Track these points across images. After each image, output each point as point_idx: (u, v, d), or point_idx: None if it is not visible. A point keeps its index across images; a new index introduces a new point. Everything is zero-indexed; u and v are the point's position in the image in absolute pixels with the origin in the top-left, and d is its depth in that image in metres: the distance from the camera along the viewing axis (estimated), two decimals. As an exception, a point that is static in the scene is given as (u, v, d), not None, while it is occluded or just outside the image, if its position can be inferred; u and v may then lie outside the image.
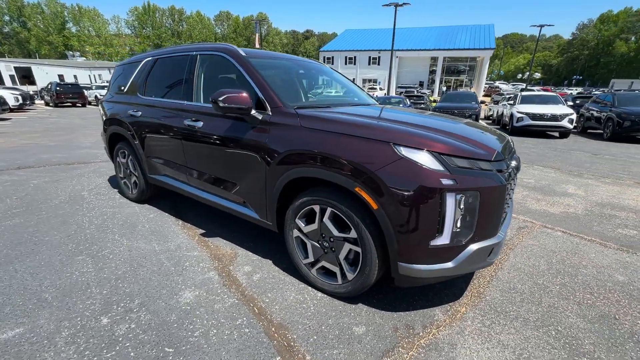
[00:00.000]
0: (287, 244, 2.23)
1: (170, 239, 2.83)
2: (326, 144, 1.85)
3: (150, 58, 3.33)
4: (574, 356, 1.65)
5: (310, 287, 2.16)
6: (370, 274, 1.84)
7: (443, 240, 1.65)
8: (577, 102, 16.35)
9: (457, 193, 1.60)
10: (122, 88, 3.64)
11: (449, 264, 1.70)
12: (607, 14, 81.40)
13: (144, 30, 75.73)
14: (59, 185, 4.25)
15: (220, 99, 2.11)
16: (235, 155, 2.36)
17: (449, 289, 2.19)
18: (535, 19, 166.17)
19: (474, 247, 1.72)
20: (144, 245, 2.70)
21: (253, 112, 2.19)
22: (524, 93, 12.65)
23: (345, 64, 44.30)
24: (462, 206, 1.62)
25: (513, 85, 49.03)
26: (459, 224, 1.65)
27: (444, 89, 38.26)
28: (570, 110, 10.51)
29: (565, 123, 10.15)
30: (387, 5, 23.31)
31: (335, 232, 1.93)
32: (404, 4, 22.66)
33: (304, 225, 2.10)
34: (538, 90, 27.01)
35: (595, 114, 11.52)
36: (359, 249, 1.86)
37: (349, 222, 1.85)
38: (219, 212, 3.44)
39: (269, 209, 2.26)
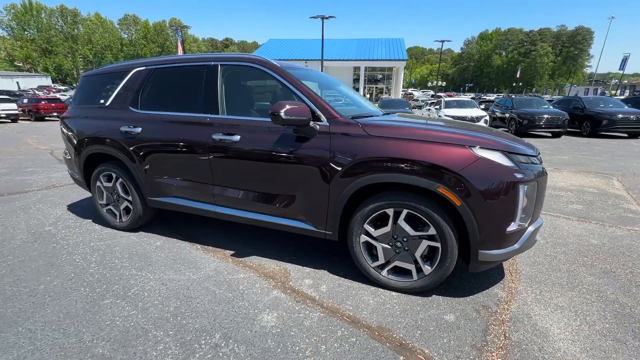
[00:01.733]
0: (353, 251, 2.28)
1: (202, 265, 2.58)
2: (403, 150, 1.98)
3: (142, 68, 2.98)
4: (607, 304, 2.09)
5: (381, 289, 2.25)
6: (450, 266, 2.03)
7: (514, 226, 1.94)
8: (482, 106, 19.46)
9: (524, 184, 1.90)
10: (103, 102, 3.16)
11: (516, 246, 2.00)
12: (484, 32, 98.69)
13: (25, 33, 63.81)
14: (4, 223, 3.42)
15: (282, 111, 2.07)
16: (288, 168, 2.31)
17: (490, 270, 2.51)
18: (430, 35, 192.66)
19: (530, 229, 2.05)
20: (177, 276, 2.42)
21: (311, 123, 2.20)
22: (446, 99, 14.57)
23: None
24: (527, 195, 1.93)
25: (423, 92, 55.59)
26: (524, 211, 1.95)
27: (368, 96, 41.36)
28: (484, 113, 12.54)
29: (482, 124, 12.05)
30: (314, 17, 24.30)
31: (412, 232, 2.07)
32: (330, 17, 23.91)
33: (373, 229, 2.18)
34: (445, 96, 31.34)
35: (499, 114, 13.95)
36: (437, 244, 2.03)
37: (427, 221, 2.00)
38: (232, 229, 3.24)
39: (331, 219, 2.27)
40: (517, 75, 65.03)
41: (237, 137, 2.44)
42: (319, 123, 2.23)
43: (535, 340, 1.77)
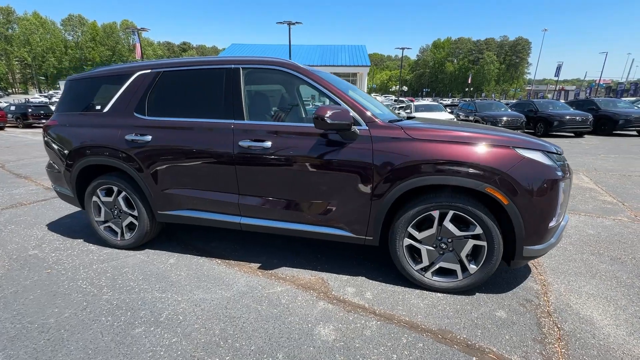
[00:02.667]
0: (396, 255, 2.26)
1: (231, 281, 2.41)
2: (450, 153, 2.01)
3: (147, 71, 2.74)
4: (628, 288, 2.28)
5: (425, 291, 2.25)
6: (496, 263, 2.09)
7: (554, 221, 2.04)
8: (447, 110, 20.63)
9: (562, 181, 2.01)
10: (99, 108, 2.86)
11: (553, 240, 2.11)
12: (437, 41, 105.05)
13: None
14: (-26, 248, 2.94)
15: (327, 115, 2.01)
16: (327, 174, 2.24)
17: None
18: (388, 42, 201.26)
19: (563, 223, 2.18)
20: (208, 295, 2.23)
21: (353, 127, 2.16)
22: (416, 103, 15.25)
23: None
24: (564, 191, 2.05)
25: (385, 96, 57.65)
26: (561, 207, 2.07)
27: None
28: (452, 116, 13.30)
29: (451, 126, 12.75)
30: (281, 22, 24.24)
31: (457, 232, 2.10)
32: (296, 22, 24.01)
33: (417, 232, 2.18)
34: (407, 101, 32.79)
35: (463, 117, 14.89)
36: (483, 243, 2.08)
37: (474, 221, 2.05)
38: (247, 240, 3.08)
39: (373, 224, 2.24)
40: (469, 81, 70.08)
41: (268, 144, 2.32)
42: (358, 127, 2.20)
43: (585, 328, 1.88)
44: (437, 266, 2.22)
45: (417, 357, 1.67)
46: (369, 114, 2.24)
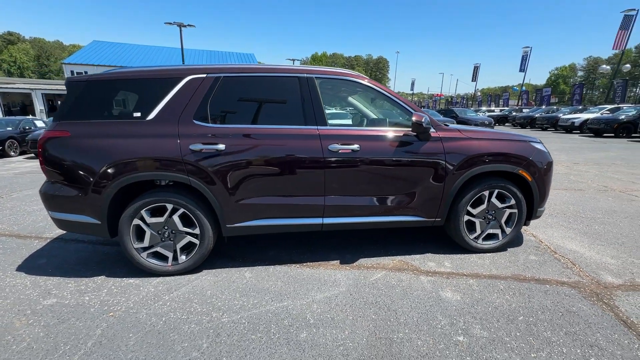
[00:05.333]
0: (458, 229, 2.86)
1: (332, 279, 2.54)
2: (496, 147, 2.76)
3: (201, 75, 2.54)
4: (579, 232, 3.53)
5: (479, 253, 2.94)
6: (522, 224, 2.95)
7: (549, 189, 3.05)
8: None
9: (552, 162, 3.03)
10: (139, 115, 2.46)
11: (545, 204, 3.12)
12: (316, 54, 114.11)
13: None
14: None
15: (422, 120, 2.48)
16: (409, 170, 2.66)
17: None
18: (276, 53, 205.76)
19: (545, 191, 3.25)
20: (327, 294, 2.32)
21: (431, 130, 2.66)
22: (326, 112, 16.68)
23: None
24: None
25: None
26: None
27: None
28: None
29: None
30: (169, 23, 22.10)
31: (500, 205, 2.87)
32: (189, 25, 22.37)
33: (473, 209, 2.85)
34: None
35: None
36: (515, 211, 2.91)
37: (510, 195, 2.86)
38: (298, 241, 3.16)
39: (443, 208, 2.78)
40: (347, 92, 78.80)
41: (356, 146, 2.58)
42: (431, 130, 2.72)
43: (567, 249, 2.91)
44: (485, 233, 2.94)
45: (518, 293, 2.30)
46: (434, 118, 2.79)
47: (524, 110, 26.89)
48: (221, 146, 2.44)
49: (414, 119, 2.50)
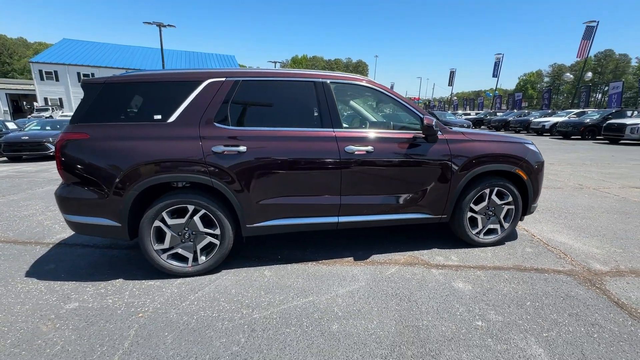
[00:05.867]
0: (462, 225, 3.06)
1: (349, 275, 2.65)
2: (497, 148, 2.99)
3: (221, 79, 2.60)
4: (566, 226, 3.84)
5: (480, 247, 3.15)
6: (518, 219, 3.20)
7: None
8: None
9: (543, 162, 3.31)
10: (160, 117, 2.48)
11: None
12: (296, 57, 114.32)
13: None
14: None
15: (433, 124, 2.67)
16: (419, 170, 2.83)
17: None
18: (257, 54, 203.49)
19: (536, 189, 3.53)
20: (348, 288, 2.44)
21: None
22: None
23: (80, 81, 35.39)
24: (541, 169, 3.37)
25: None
26: (540, 178, 3.38)
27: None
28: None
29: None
30: (148, 23, 21.52)
31: (499, 202, 3.10)
32: (169, 25, 21.88)
33: (475, 206, 3.07)
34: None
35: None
36: (512, 207, 3.15)
37: (508, 192, 3.09)
38: (309, 240, 3.26)
39: (449, 206, 2.98)
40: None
41: (370, 148, 2.72)
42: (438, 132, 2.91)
43: (557, 241, 3.19)
44: (486, 228, 3.16)
45: (522, 281, 2.52)
46: (439, 121, 2.98)
47: (498, 113, 28.25)
48: (242, 148, 2.51)
49: (425, 122, 2.68)
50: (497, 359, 1.73)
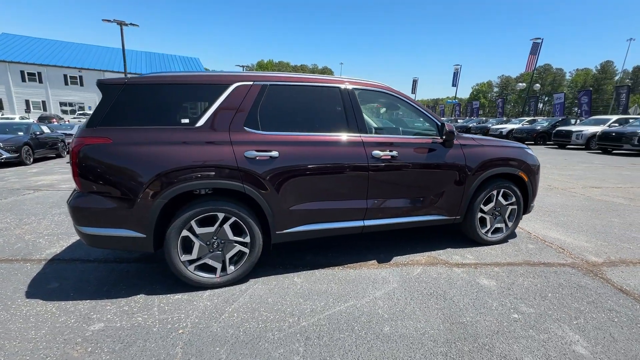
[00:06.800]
0: (473, 226, 3.25)
1: (379, 277, 2.70)
2: (503, 153, 3.23)
3: (248, 83, 2.54)
4: (556, 223, 4.20)
5: (489, 245, 3.36)
6: (520, 218, 3.46)
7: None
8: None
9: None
10: (187, 121, 2.36)
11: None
12: (261, 62, 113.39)
13: None
14: None
15: (452, 130, 2.82)
16: (438, 174, 2.97)
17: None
18: (223, 59, 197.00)
19: (530, 190, 3.85)
20: (384, 290, 2.48)
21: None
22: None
23: (24, 81, 32.06)
24: (536, 171, 3.68)
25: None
26: (534, 180, 3.69)
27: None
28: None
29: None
30: (108, 20, 20.17)
31: (504, 202, 3.34)
32: (131, 24, 20.68)
33: (484, 207, 3.27)
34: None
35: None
36: (515, 207, 3.41)
37: (512, 193, 3.34)
38: (328, 245, 3.26)
39: (462, 207, 3.15)
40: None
41: (395, 153, 2.81)
42: (453, 138, 3.07)
43: (551, 237, 3.50)
44: (493, 227, 3.38)
45: (536, 275, 2.73)
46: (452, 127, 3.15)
47: (459, 120, 30.14)
48: (275, 153, 2.47)
49: (447, 128, 2.83)
50: (544, 347, 1.87)
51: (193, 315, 2.15)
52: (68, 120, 24.01)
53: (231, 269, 2.52)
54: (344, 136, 2.71)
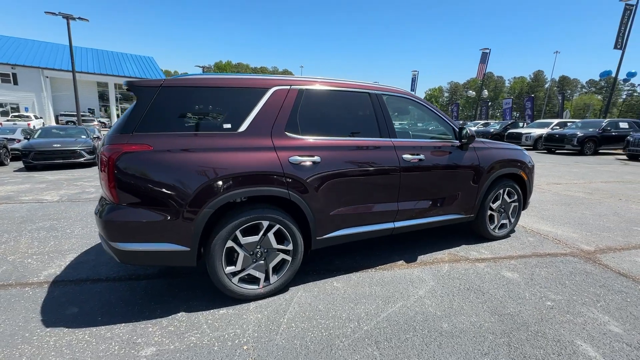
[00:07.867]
0: (484, 223, 3.48)
1: (413, 276, 2.79)
2: (508, 154, 3.51)
3: (285, 87, 2.50)
4: (549, 219, 4.63)
5: (497, 240, 3.62)
6: (520, 214, 3.78)
7: (530, 186, 4.00)
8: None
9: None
10: (229, 126, 2.26)
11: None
12: (220, 63, 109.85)
13: None
14: None
15: (473, 133, 3.02)
16: (458, 174, 3.15)
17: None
18: (182, 60, 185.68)
19: (522, 188, 4.22)
20: (423, 288, 2.57)
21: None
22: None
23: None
24: (529, 171, 4.05)
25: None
26: (528, 179, 4.06)
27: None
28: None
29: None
30: (51, 13, 18.23)
31: (509, 200, 3.63)
32: (80, 18, 18.91)
33: (493, 205, 3.53)
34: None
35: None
36: (517, 204, 3.72)
37: (514, 191, 3.65)
38: (351, 248, 3.30)
39: (476, 205, 3.36)
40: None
41: (422, 156, 2.93)
42: (467, 140, 3.28)
43: (545, 230, 3.89)
44: (500, 223, 3.65)
45: (548, 265, 3.01)
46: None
47: (418, 124, 31.82)
48: (317, 158, 2.45)
49: (469, 132, 3.02)
50: (585, 330, 2.07)
51: (249, 329, 2.05)
52: (1, 123, 21.18)
53: (274, 278, 2.44)
54: (378, 140, 2.77)
